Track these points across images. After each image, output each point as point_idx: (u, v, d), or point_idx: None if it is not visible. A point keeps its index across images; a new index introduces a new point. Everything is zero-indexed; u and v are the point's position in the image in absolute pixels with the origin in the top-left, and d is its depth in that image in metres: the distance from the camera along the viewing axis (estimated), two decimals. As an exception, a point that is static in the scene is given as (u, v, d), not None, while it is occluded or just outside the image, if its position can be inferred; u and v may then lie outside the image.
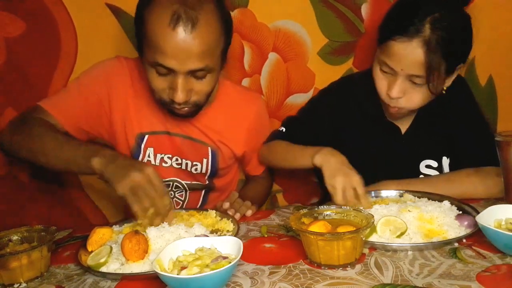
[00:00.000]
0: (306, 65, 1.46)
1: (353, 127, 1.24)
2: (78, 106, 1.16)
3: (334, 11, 1.42)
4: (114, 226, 1.03)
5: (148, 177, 0.92)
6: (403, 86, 1.07)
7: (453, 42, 1.03)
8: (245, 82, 1.45)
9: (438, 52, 1.01)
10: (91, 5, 1.29)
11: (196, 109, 1.13)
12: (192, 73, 1.04)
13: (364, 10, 1.43)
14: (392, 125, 1.23)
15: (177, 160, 1.26)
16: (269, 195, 1.47)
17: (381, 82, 1.12)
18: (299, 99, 1.48)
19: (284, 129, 1.28)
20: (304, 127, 1.26)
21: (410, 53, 1.02)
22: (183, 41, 0.99)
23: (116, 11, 1.31)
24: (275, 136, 1.28)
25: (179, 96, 1.04)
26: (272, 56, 1.43)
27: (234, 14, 1.36)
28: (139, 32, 1.06)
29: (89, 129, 1.19)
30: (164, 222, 0.93)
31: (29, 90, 1.28)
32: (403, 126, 1.24)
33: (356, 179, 0.98)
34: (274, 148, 1.24)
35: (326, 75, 1.46)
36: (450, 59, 1.04)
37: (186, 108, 1.10)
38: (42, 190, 1.35)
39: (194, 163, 1.27)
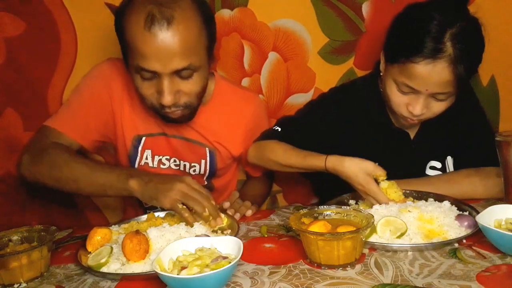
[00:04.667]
0: (306, 65, 1.45)
1: (359, 134, 1.20)
2: (86, 117, 1.15)
3: (335, 10, 1.41)
4: (113, 226, 1.03)
5: (190, 185, 0.96)
6: (426, 102, 1.05)
7: (473, 50, 1.01)
8: (245, 81, 1.44)
9: (462, 65, 0.99)
10: (90, 4, 1.29)
11: (190, 111, 1.11)
12: (177, 73, 1.01)
13: (365, 9, 1.43)
14: (402, 132, 1.21)
15: (175, 161, 1.25)
16: (269, 194, 1.47)
17: (399, 100, 1.08)
18: (300, 99, 1.47)
19: (279, 129, 1.22)
20: (302, 130, 1.21)
21: (436, 74, 0.99)
22: (161, 41, 0.96)
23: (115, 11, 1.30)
24: (269, 135, 1.22)
25: (167, 99, 1.02)
26: (272, 56, 1.43)
27: (234, 13, 1.36)
28: (120, 40, 1.05)
29: (100, 138, 1.19)
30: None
31: (29, 90, 1.28)
32: (412, 131, 1.21)
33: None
34: (270, 147, 1.17)
35: (327, 74, 1.46)
36: (473, 66, 1.03)
37: (178, 111, 1.08)
38: (42, 190, 1.34)
39: (192, 164, 1.26)
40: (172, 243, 0.82)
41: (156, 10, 0.96)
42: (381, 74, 1.14)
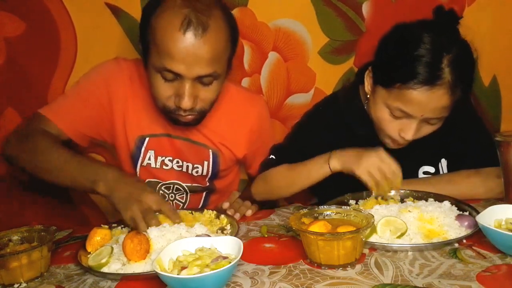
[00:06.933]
0: (306, 65, 1.45)
1: (345, 146, 1.14)
2: (79, 112, 1.15)
3: (335, 10, 1.42)
4: (113, 226, 1.03)
5: (148, 206, 0.95)
6: (419, 127, 1.04)
7: (469, 73, 1.01)
8: (245, 81, 1.45)
9: (459, 90, 0.98)
10: (91, 5, 1.29)
11: (200, 117, 1.12)
12: (199, 79, 1.03)
13: (365, 8, 1.43)
14: None
15: (178, 162, 1.25)
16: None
17: (391, 125, 1.06)
18: (300, 99, 1.48)
19: (274, 157, 1.22)
20: (294, 154, 1.19)
21: (434, 100, 0.97)
22: (193, 46, 0.98)
23: (115, 11, 1.31)
24: (266, 165, 1.22)
25: (186, 103, 1.03)
26: (272, 56, 1.43)
27: (234, 13, 1.35)
28: (145, 37, 1.04)
29: (91, 134, 1.19)
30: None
31: (29, 90, 1.28)
32: None
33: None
34: (272, 175, 1.18)
35: (327, 74, 1.46)
36: (469, 88, 1.02)
37: (190, 116, 1.09)
38: (42, 190, 1.35)
39: (195, 165, 1.26)
40: (172, 243, 0.82)
41: (193, 15, 0.98)
42: (368, 96, 1.11)
